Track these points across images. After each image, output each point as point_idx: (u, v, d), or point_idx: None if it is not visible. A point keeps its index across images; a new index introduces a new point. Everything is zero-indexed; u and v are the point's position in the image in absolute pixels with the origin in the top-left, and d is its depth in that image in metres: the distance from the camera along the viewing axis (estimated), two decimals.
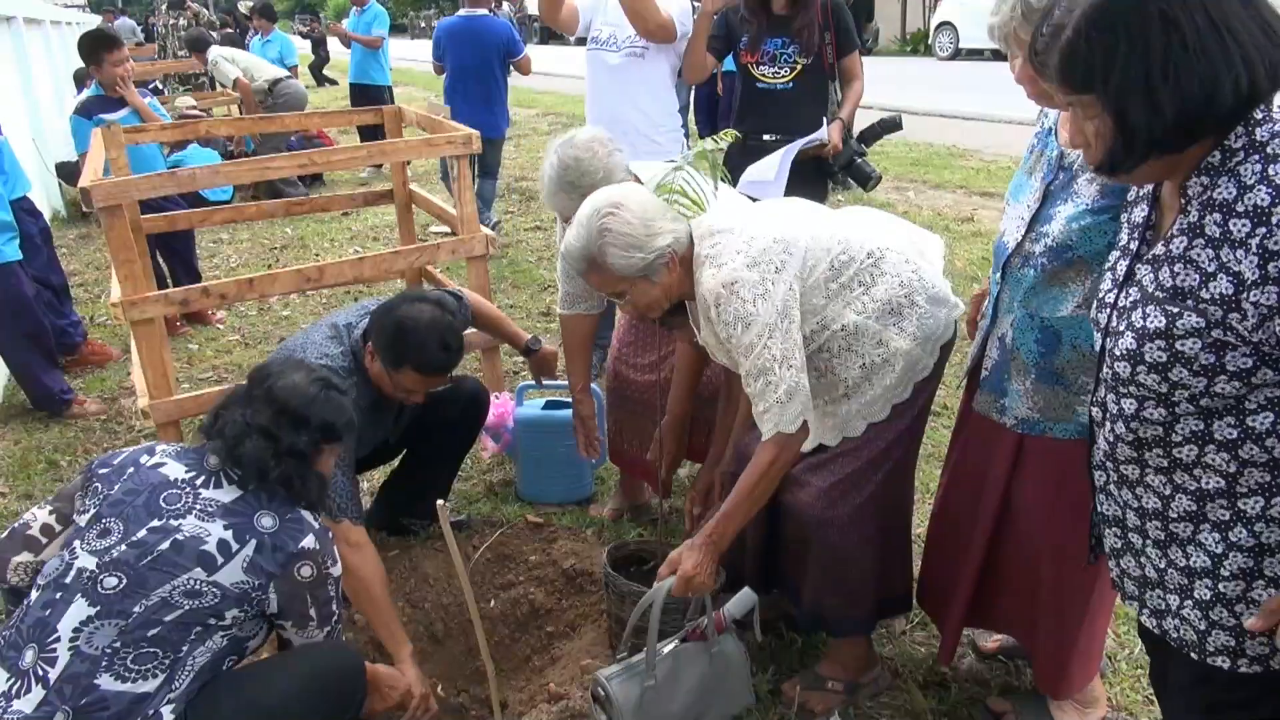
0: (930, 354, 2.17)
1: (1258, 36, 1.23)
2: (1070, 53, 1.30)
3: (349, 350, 2.66)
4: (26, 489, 3.72)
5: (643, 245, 2.05)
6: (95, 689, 1.67)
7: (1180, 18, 1.22)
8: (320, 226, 7.68)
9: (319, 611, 1.91)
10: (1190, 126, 1.26)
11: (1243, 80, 1.22)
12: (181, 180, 3.51)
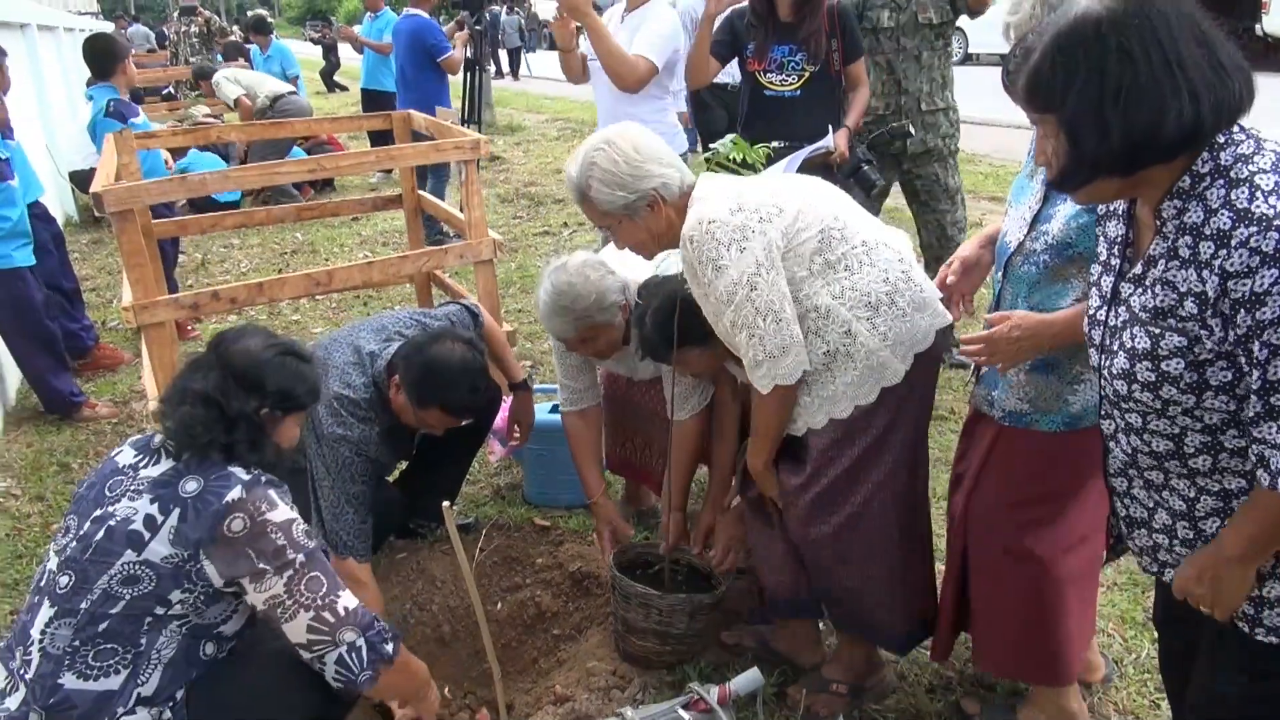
0: (901, 360, 2.07)
1: (1207, 74, 1.31)
2: (1035, 74, 1.39)
3: (371, 381, 2.65)
4: (39, 490, 3.75)
5: (625, 184, 2.09)
6: (60, 689, 1.67)
7: (1135, 51, 1.30)
8: (330, 231, 7.71)
9: (271, 562, 1.74)
10: (1135, 152, 1.34)
11: (1186, 113, 1.30)
12: (192, 185, 3.54)
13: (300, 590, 1.78)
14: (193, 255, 7.28)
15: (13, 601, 3.03)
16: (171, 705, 1.72)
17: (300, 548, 1.79)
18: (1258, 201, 1.29)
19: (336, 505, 2.55)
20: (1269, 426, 1.32)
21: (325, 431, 2.53)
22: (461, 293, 4.46)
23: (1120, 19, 1.32)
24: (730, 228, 1.98)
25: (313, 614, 1.79)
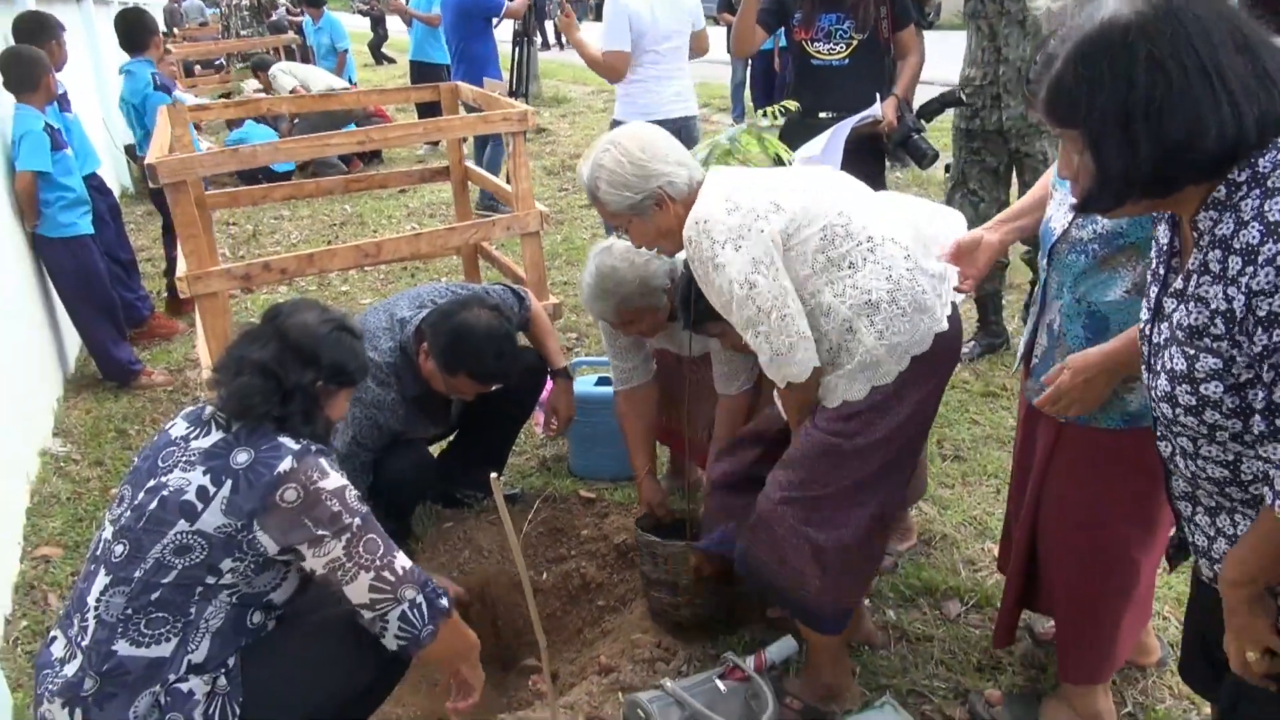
0: (896, 361, 2.02)
1: (1251, 84, 1.20)
2: (1057, 86, 1.29)
3: (397, 346, 2.67)
4: (97, 456, 3.84)
5: (630, 184, 2.11)
6: (114, 655, 1.70)
7: (1168, 60, 1.20)
8: (378, 203, 7.77)
9: (328, 528, 1.76)
10: (1168, 171, 1.24)
11: (1228, 128, 1.20)
12: (243, 156, 3.58)
13: (359, 552, 1.80)
14: (244, 227, 7.38)
15: (73, 563, 3.12)
16: (225, 671, 1.75)
17: (355, 512, 1.80)
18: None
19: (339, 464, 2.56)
20: (1272, 447, 1.26)
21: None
22: (508, 265, 4.48)
23: (1150, 24, 1.21)
24: (726, 227, 1.98)
25: (373, 574, 1.81)
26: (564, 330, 4.82)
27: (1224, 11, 1.23)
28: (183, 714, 1.68)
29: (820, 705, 2.33)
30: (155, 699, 1.68)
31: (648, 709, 2.07)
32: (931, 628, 2.60)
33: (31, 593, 3.00)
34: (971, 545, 2.97)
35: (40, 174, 4.12)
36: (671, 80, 4.31)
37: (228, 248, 6.74)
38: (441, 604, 1.90)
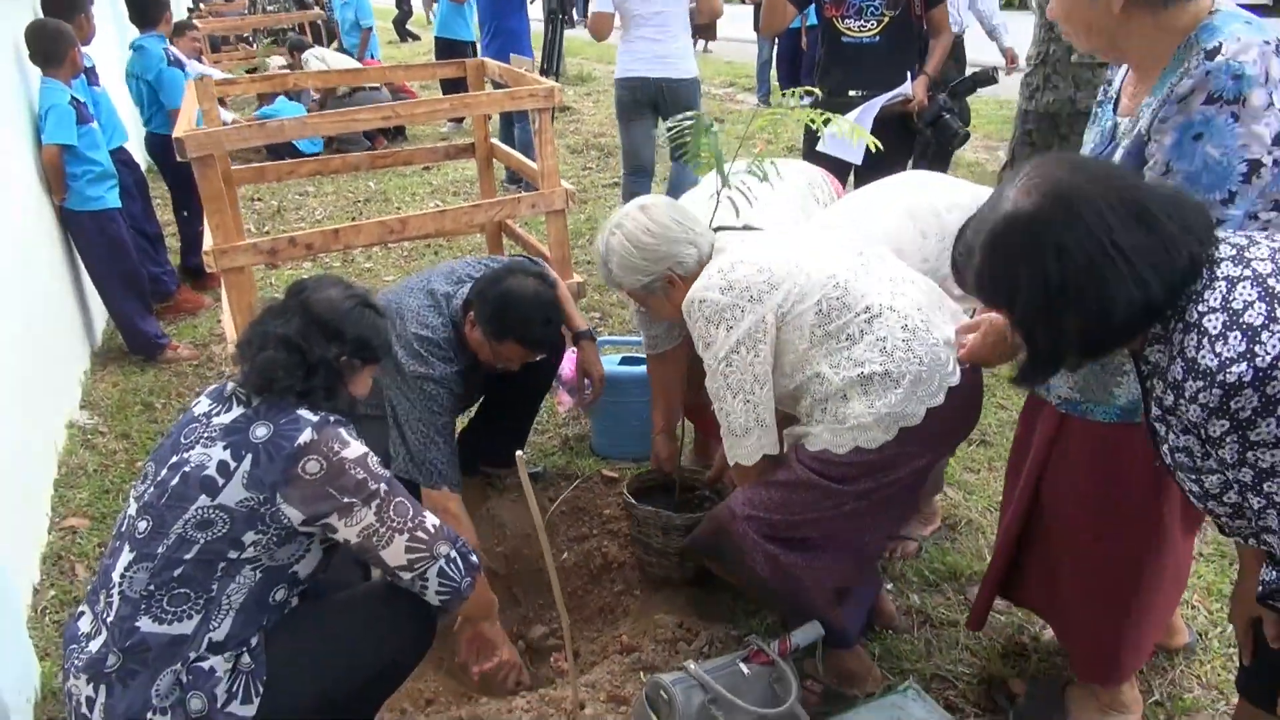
0: (884, 431, 2.00)
1: (1153, 255, 1.29)
2: (979, 278, 1.40)
3: (449, 321, 2.68)
4: (124, 429, 3.87)
5: (639, 268, 2.20)
6: (136, 631, 1.71)
7: (1072, 247, 1.29)
8: (402, 181, 7.77)
9: (355, 495, 1.77)
10: (1091, 344, 1.37)
11: (1136, 299, 1.29)
12: (270, 130, 3.57)
13: (391, 516, 1.81)
14: (269, 203, 7.40)
15: (100, 535, 3.15)
16: (248, 649, 1.75)
17: (380, 477, 1.81)
18: (1204, 351, 1.28)
19: (426, 437, 2.58)
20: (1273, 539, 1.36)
21: (409, 370, 2.57)
22: (532, 243, 4.46)
23: (1049, 214, 1.31)
24: (719, 307, 2.03)
25: (407, 535, 1.83)
26: (587, 309, 4.81)
27: (1114, 185, 1.31)
28: (204, 692, 1.68)
29: (841, 688, 2.32)
30: (177, 677, 1.69)
31: (670, 690, 2.06)
32: (956, 613, 2.58)
33: (59, 563, 3.03)
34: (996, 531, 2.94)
35: (66, 147, 4.14)
36: (663, 42, 4.32)
37: (253, 223, 6.76)
38: (472, 558, 1.95)
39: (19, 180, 3.97)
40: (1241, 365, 1.24)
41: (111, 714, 1.67)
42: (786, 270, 2.03)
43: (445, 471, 2.59)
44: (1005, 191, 1.37)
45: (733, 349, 2.01)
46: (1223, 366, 1.25)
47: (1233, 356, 1.25)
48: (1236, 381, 1.24)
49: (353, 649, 1.85)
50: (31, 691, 2.41)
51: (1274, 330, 1.24)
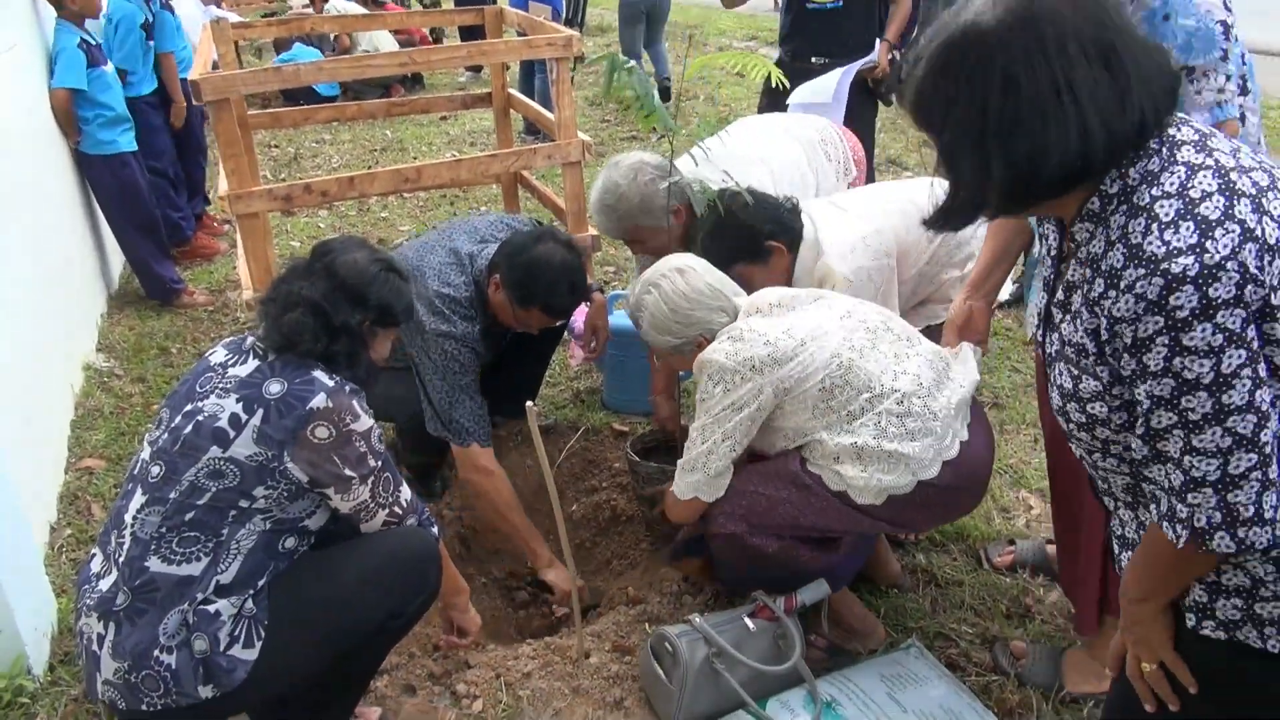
0: (874, 497, 2.03)
1: (1105, 103, 1.15)
2: (917, 93, 1.25)
3: (471, 280, 2.67)
4: (140, 373, 3.91)
5: (671, 330, 2.23)
6: (146, 571, 1.73)
7: (1022, 78, 1.15)
8: (419, 130, 7.72)
9: (355, 469, 1.81)
10: (1015, 191, 1.21)
11: (1072, 151, 1.16)
12: (286, 75, 3.55)
13: (380, 493, 1.90)
14: (285, 150, 7.37)
15: (115, 476, 3.19)
16: (253, 595, 1.77)
17: (379, 454, 1.87)
18: (1151, 237, 1.15)
19: (452, 395, 2.59)
20: (1156, 469, 1.25)
21: (429, 328, 2.56)
22: (548, 195, 4.43)
23: (1009, 36, 1.15)
24: (723, 371, 2.06)
25: (388, 511, 1.94)
26: (601, 264, 4.79)
27: (1091, 16, 1.16)
28: (207, 635, 1.71)
29: (844, 644, 2.34)
30: (183, 618, 1.71)
31: (674, 643, 2.09)
32: (961, 573, 2.59)
33: (75, 503, 3.07)
34: (1006, 493, 2.94)
35: (76, 91, 4.12)
36: None
37: (269, 170, 6.74)
38: (432, 532, 2.04)
39: (36, 123, 3.97)
40: (1189, 258, 1.12)
41: (119, 650, 1.70)
42: (793, 347, 2.05)
43: (472, 428, 2.60)
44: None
45: (724, 408, 2.06)
46: (1169, 256, 1.13)
47: (1181, 247, 1.12)
48: (1181, 274, 1.11)
49: (357, 598, 1.87)
50: (48, 627, 2.45)
51: (1229, 228, 1.12)
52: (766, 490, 2.11)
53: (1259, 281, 1.12)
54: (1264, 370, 1.15)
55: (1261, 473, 1.16)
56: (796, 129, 3.11)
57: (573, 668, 2.28)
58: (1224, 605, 1.29)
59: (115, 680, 1.71)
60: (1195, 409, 1.16)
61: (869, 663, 2.27)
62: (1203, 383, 1.14)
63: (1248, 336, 1.13)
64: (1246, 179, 1.16)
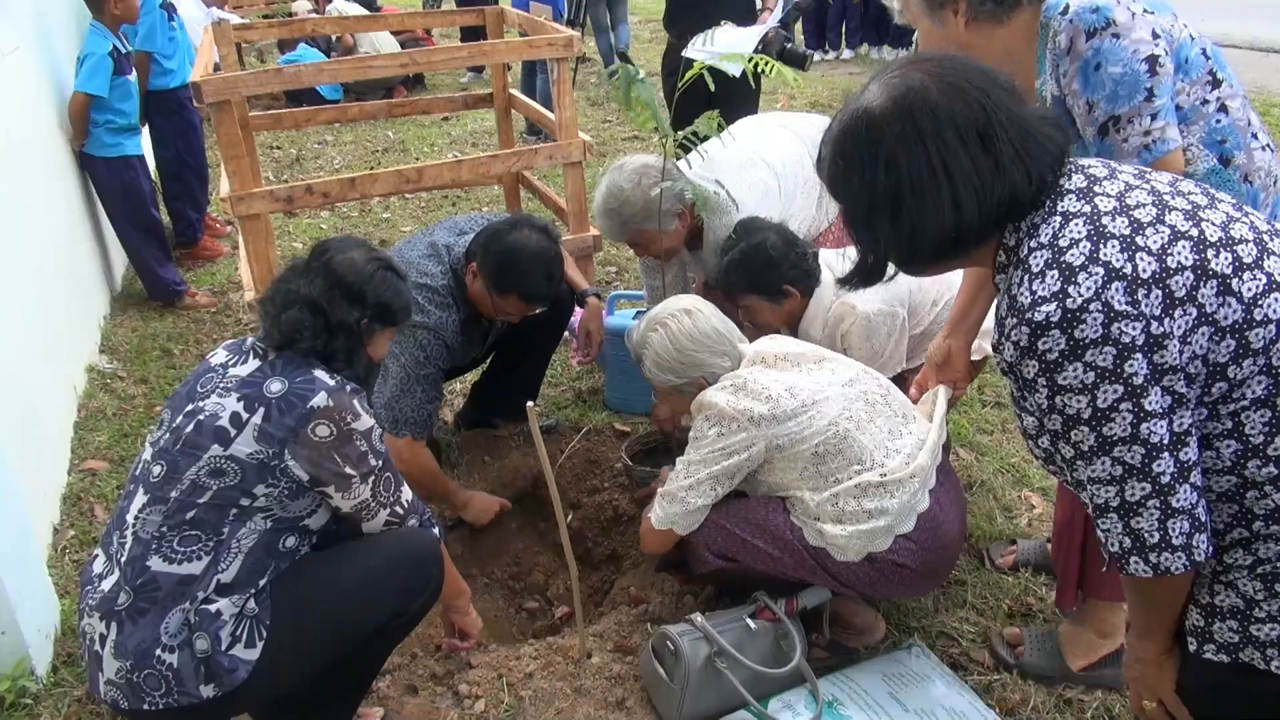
0: (854, 555, 2.06)
1: (977, 178, 1.25)
2: (826, 170, 1.39)
3: (449, 269, 2.67)
4: (142, 374, 3.91)
5: (674, 370, 2.25)
6: (147, 570, 1.74)
7: (901, 161, 1.27)
8: (421, 131, 7.72)
9: (356, 468, 1.82)
10: (905, 260, 1.35)
11: (946, 224, 1.27)
12: (286, 76, 3.55)
13: (381, 492, 1.90)
14: (287, 151, 7.37)
15: (118, 477, 3.19)
16: (254, 594, 1.78)
17: (379, 454, 1.87)
18: (1022, 288, 1.24)
19: (406, 383, 2.58)
20: (1088, 493, 1.29)
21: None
22: (549, 195, 4.43)
23: (888, 123, 1.28)
24: (721, 415, 2.08)
25: (389, 510, 1.94)
26: (604, 264, 4.79)
27: (967, 96, 1.26)
28: (208, 634, 1.71)
29: (845, 642, 2.34)
30: (185, 617, 1.72)
31: (676, 642, 2.09)
32: (964, 573, 2.59)
33: (79, 504, 3.08)
34: (1008, 493, 2.94)
35: (95, 97, 4.14)
36: None
37: (271, 172, 6.75)
38: (434, 533, 2.05)
39: (39, 125, 3.98)
40: (1051, 305, 1.20)
41: (121, 650, 1.71)
42: (794, 408, 2.06)
43: (412, 419, 2.60)
44: (870, 83, 1.35)
45: (715, 450, 2.08)
46: (1034, 305, 1.21)
47: (1045, 295, 1.21)
48: (1044, 321, 1.20)
49: (358, 598, 1.87)
50: (51, 628, 2.46)
51: (1092, 272, 1.19)
52: (746, 535, 2.14)
53: (1130, 317, 1.17)
54: (1156, 402, 1.19)
55: (1159, 500, 1.22)
56: (795, 125, 3.11)
57: (575, 668, 2.28)
58: (1221, 628, 1.31)
59: (117, 680, 1.71)
60: (1083, 441, 1.25)
61: (871, 662, 2.27)
62: (1083, 417, 1.23)
63: (1125, 372, 1.19)
64: (1122, 219, 1.23)
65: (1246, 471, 1.24)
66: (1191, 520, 1.22)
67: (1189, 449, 1.22)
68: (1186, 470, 1.22)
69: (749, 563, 2.16)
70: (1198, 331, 1.19)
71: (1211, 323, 1.19)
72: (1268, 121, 6.49)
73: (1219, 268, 1.20)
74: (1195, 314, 1.19)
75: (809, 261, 2.62)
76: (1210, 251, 1.20)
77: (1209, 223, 1.23)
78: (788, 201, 2.86)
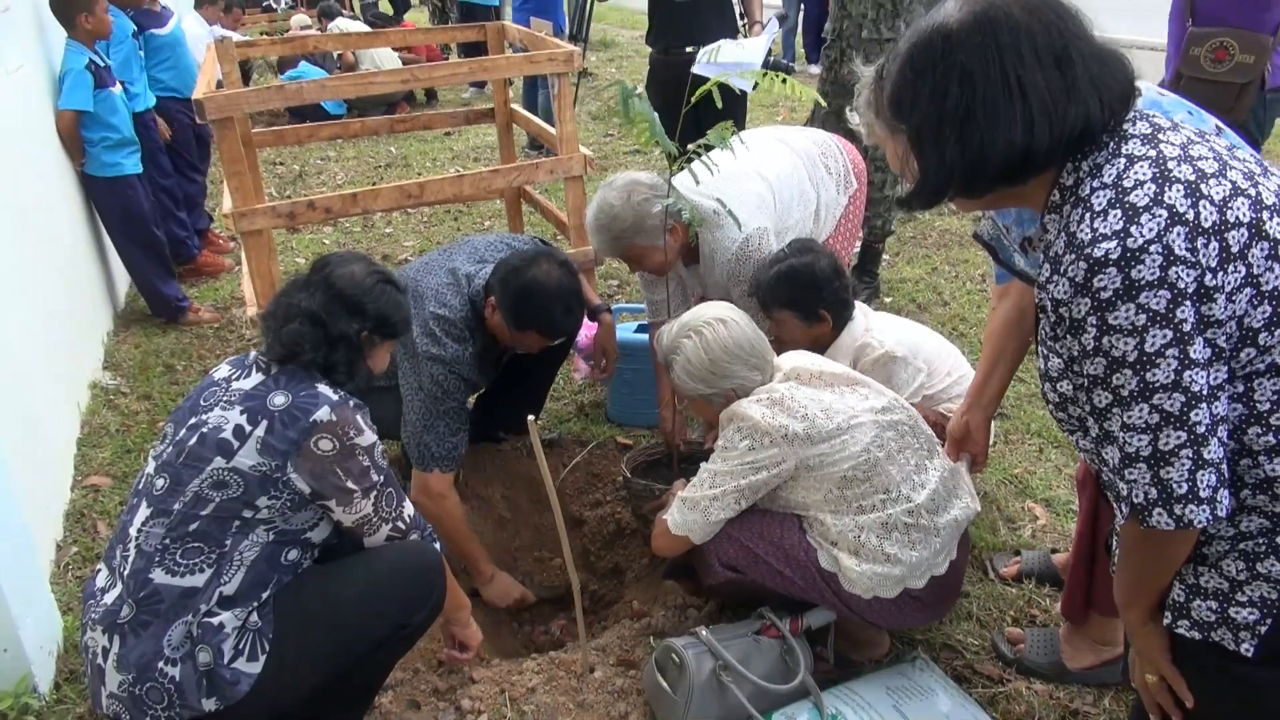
0: (864, 592, 2.06)
1: (1051, 99, 1.24)
2: (892, 85, 1.36)
3: (467, 301, 2.67)
4: (146, 390, 3.92)
5: (704, 379, 2.21)
6: (150, 583, 1.74)
7: (977, 74, 1.25)
8: (423, 146, 7.75)
9: (358, 483, 1.83)
10: (968, 177, 1.31)
11: (1017, 143, 1.25)
12: (288, 93, 3.57)
13: (383, 507, 1.92)
14: (290, 167, 7.41)
15: (121, 493, 3.20)
16: (258, 607, 1.78)
17: (381, 469, 1.89)
18: (1083, 225, 1.23)
19: (427, 419, 2.58)
20: (1107, 450, 1.28)
21: (420, 350, 2.56)
22: (551, 209, 4.44)
23: (967, 35, 1.26)
24: (754, 428, 2.05)
25: (391, 525, 1.95)
26: (605, 277, 4.80)
27: (1046, 18, 1.25)
28: (211, 647, 1.71)
29: (849, 655, 2.33)
30: (188, 629, 1.72)
31: (682, 654, 2.08)
32: (968, 584, 2.58)
33: (81, 520, 3.08)
34: (1011, 504, 2.93)
35: (82, 112, 4.15)
36: None
37: (274, 187, 6.77)
38: (435, 547, 2.06)
39: (41, 144, 4.00)
40: (1111, 243, 1.19)
41: (124, 663, 1.71)
42: (829, 430, 2.04)
43: (439, 455, 2.60)
44: (949, 2, 1.33)
45: (744, 463, 2.06)
46: (1094, 241, 1.20)
47: (1106, 233, 1.20)
48: (1103, 257, 1.19)
49: (360, 611, 1.87)
50: (54, 645, 2.45)
51: (1156, 214, 1.18)
52: (760, 551, 2.13)
53: (1188, 263, 1.17)
54: (1200, 351, 1.19)
55: (1193, 450, 1.21)
56: (792, 140, 3.11)
57: (577, 682, 2.27)
58: (1200, 606, 1.33)
59: (120, 693, 1.71)
60: (1124, 386, 1.23)
61: (874, 674, 2.26)
62: (1128, 360, 1.21)
63: (1175, 318, 1.18)
64: (1187, 167, 1.22)
65: (1245, 438, 1.26)
66: (1218, 474, 1.22)
67: (1221, 403, 1.22)
68: (1218, 424, 1.22)
69: (758, 578, 2.15)
70: (1242, 291, 1.19)
71: (1255, 285, 1.19)
72: None
73: (1272, 231, 1.20)
74: (1244, 273, 1.19)
75: (848, 294, 2.68)
76: (1266, 213, 1.20)
77: (1265, 188, 1.23)
78: (784, 213, 2.87)
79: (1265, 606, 1.29)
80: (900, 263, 4.87)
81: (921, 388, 2.63)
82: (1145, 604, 1.39)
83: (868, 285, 4.35)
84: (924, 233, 5.28)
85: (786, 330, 2.63)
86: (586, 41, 7.99)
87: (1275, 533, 1.28)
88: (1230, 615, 1.30)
